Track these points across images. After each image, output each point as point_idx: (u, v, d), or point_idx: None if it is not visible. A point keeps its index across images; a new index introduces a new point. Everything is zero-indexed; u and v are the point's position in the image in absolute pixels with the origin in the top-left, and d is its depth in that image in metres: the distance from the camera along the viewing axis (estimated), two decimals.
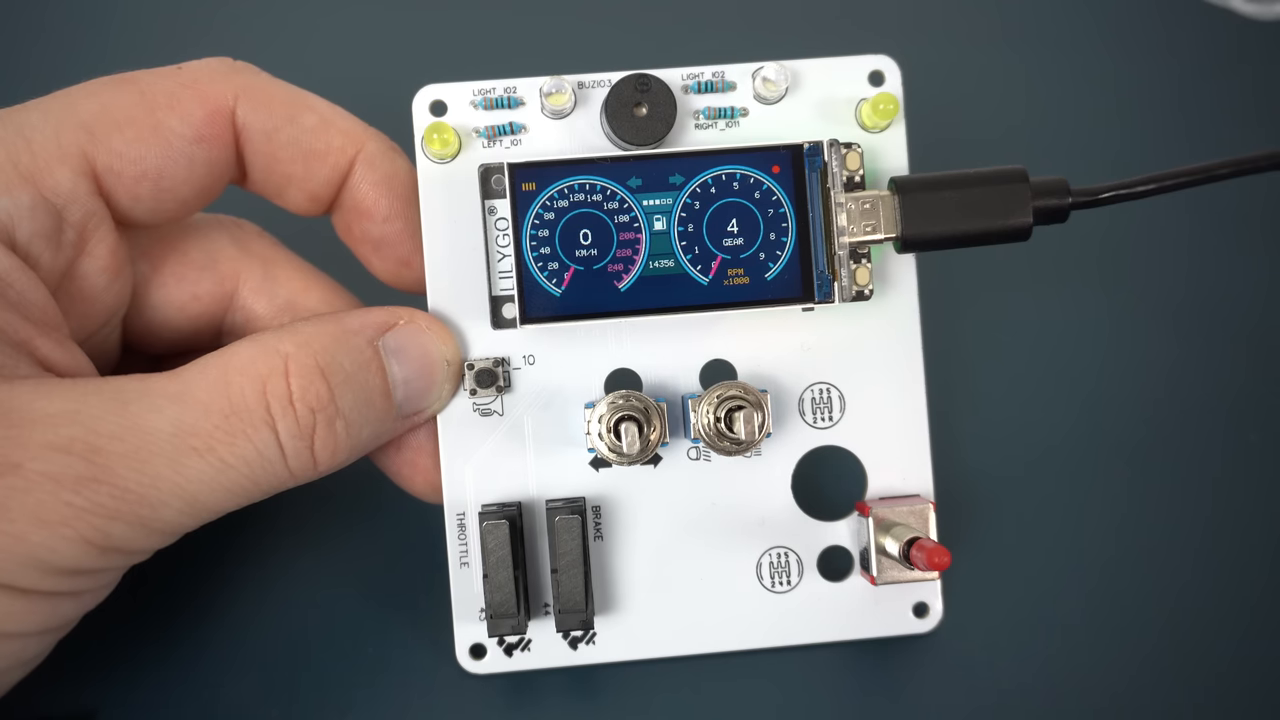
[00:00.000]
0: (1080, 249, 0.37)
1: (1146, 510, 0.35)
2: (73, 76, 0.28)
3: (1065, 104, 0.38)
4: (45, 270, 0.27)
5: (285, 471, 0.27)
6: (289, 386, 0.26)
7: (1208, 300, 0.37)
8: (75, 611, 0.26)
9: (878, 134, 0.31)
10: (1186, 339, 0.36)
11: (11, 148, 0.27)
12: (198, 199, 0.29)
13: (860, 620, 0.31)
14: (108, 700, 0.32)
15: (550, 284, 0.29)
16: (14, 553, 0.24)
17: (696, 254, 0.29)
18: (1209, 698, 0.33)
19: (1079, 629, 0.34)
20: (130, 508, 0.25)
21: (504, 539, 0.29)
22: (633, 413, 0.29)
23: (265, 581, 0.33)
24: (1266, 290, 0.37)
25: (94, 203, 0.28)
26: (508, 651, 0.30)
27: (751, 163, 0.29)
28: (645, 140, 0.30)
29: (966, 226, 0.29)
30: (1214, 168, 0.30)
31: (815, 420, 0.31)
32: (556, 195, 0.29)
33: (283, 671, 0.32)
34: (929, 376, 0.31)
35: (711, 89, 0.31)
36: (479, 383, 0.30)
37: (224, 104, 0.28)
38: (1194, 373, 0.36)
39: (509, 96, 0.30)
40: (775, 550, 0.31)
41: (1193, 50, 0.39)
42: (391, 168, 0.30)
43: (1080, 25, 0.39)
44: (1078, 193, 0.30)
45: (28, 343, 0.26)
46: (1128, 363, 0.36)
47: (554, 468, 0.30)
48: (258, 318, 0.31)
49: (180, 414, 0.25)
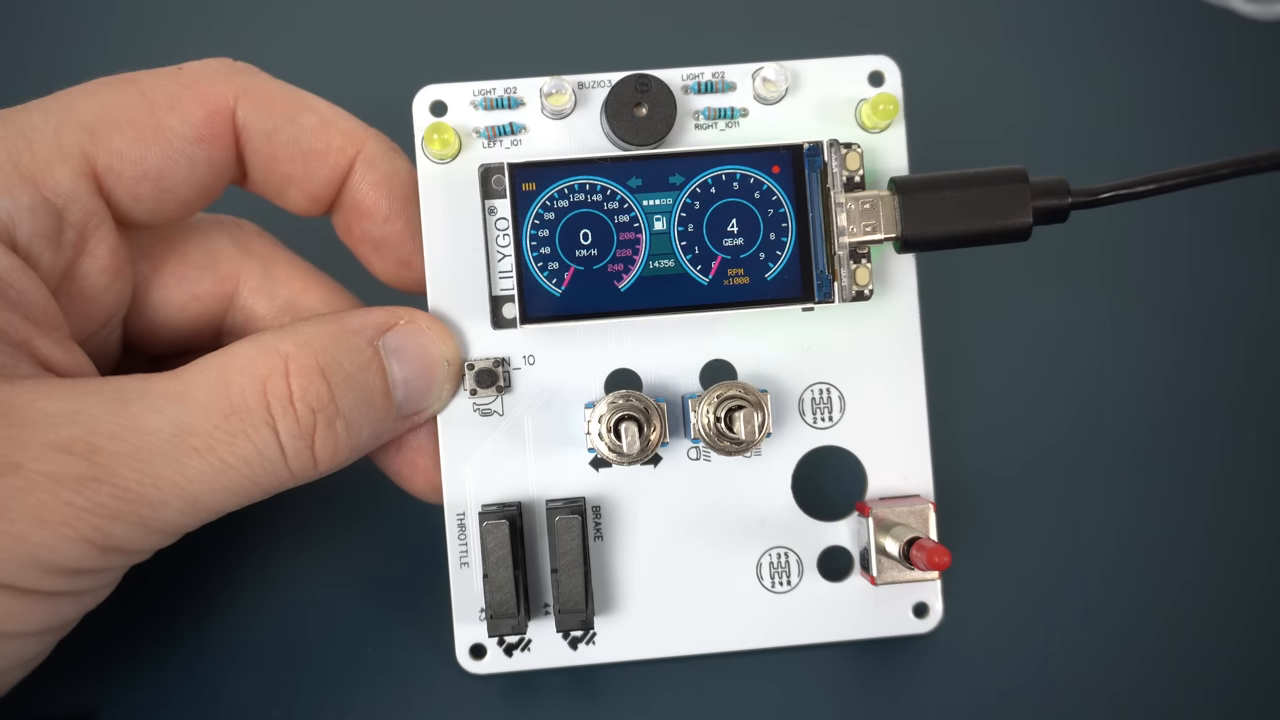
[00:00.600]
0: (1080, 249, 0.37)
1: (1146, 510, 0.35)
2: (73, 77, 0.28)
3: (1065, 104, 0.38)
4: (46, 270, 0.27)
5: (285, 471, 0.27)
6: (289, 386, 0.26)
7: (1209, 300, 0.37)
8: (76, 611, 0.26)
9: (877, 134, 0.31)
10: (1186, 339, 0.36)
11: (12, 148, 0.27)
12: (198, 199, 0.29)
13: (860, 620, 0.31)
14: (108, 700, 0.32)
15: (550, 284, 0.29)
16: (14, 552, 0.24)
17: (696, 254, 0.29)
18: (1209, 698, 0.33)
19: (1079, 629, 0.34)
20: (131, 507, 0.25)
21: (504, 539, 0.29)
22: (633, 413, 0.29)
23: (265, 581, 0.33)
24: (1267, 290, 0.37)
25: (94, 203, 0.28)
26: (508, 652, 0.31)
27: (751, 163, 0.29)
28: (645, 140, 0.30)
29: (966, 226, 0.29)
30: (1214, 168, 0.30)
31: (815, 420, 0.31)
32: (557, 195, 0.29)
33: (283, 671, 0.32)
34: (929, 376, 0.31)
35: (711, 89, 0.31)
36: (479, 383, 0.30)
37: (224, 104, 0.28)
38: (1194, 373, 0.36)
39: (509, 97, 0.30)
40: (775, 550, 0.31)
41: (1192, 50, 0.39)
42: (391, 168, 0.30)
43: (1080, 25, 0.39)
44: (1077, 193, 0.30)
45: (28, 343, 0.26)
46: (1127, 363, 0.36)
47: (554, 468, 0.30)
48: (258, 318, 0.31)
49: (181, 414, 0.25)
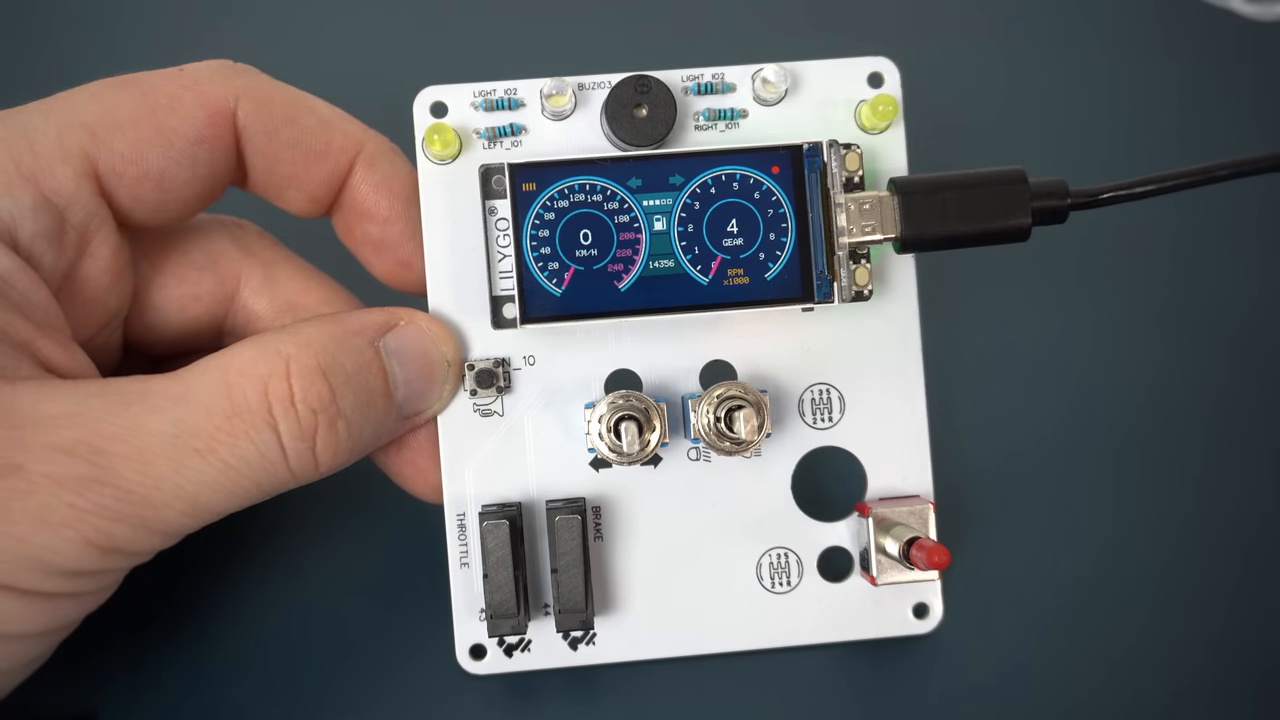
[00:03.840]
0: (1079, 250, 0.37)
1: (1147, 511, 0.35)
2: (75, 78, 0.28)
3: (1064, 105, 0.38)
4: (47, 271, 0.27)
5: (287, 472, 0.27)
6: (290, 387, 0.26)
7: (1210, 301, 0.37)
8: (77, 613, 0.26)
9: (877, 135, 0.31)
10: (1188, 340, 0.36)
11: (14, 148, 0.27)
12: (199, 200, 0.29)
13: (860, 621, 0.31)
14: (108, 700, 0.32)
15: (550, 284, 0.29)
16: (16, 554, 0.24)
17: (696, 254, 0.29)
18: (1210, 697, 0.33)
19: (1079, 629, 0.34)
20: (133, 509, 0.25)
21: (504, 539, 0.29)
22: (633, 413, 0.29)
23: (266, 582, 0.33)
24: (1266, 291, 0.37)
25: (96, 203, 0.28)
26: (508, 652, 0.31)
27: (751, 163, 0.29)
28: (645, 141, 0.30)
29: (965, 227, 0.29)
30: (1214, 169, 0.30)
31: (815, 421, 0.31)
32: (557, 195, 0.29)
33: (283, 672, 0.32)
34: (928, 377, 0.31)
35: (711, 90, 0.31)
36: (479, 383, 0.30)
37: (225, 105, 0.28)
38: (1194, 373, 0.36)
39: (509, 98, 0.30)
40: (775, 551, 0.31)
41: (1191, 50, 0.39)
42: (391, 169, 0.30)
43: (1079, 26, 0.39)
44: (1076, 194, 0.30)
45: (30, 344, 0.26)
46: (1127, 363, 0.36)
47: (554, 468, 0.30)
48: (259, 318, 0.31)
49: (182, 415, 0.25)
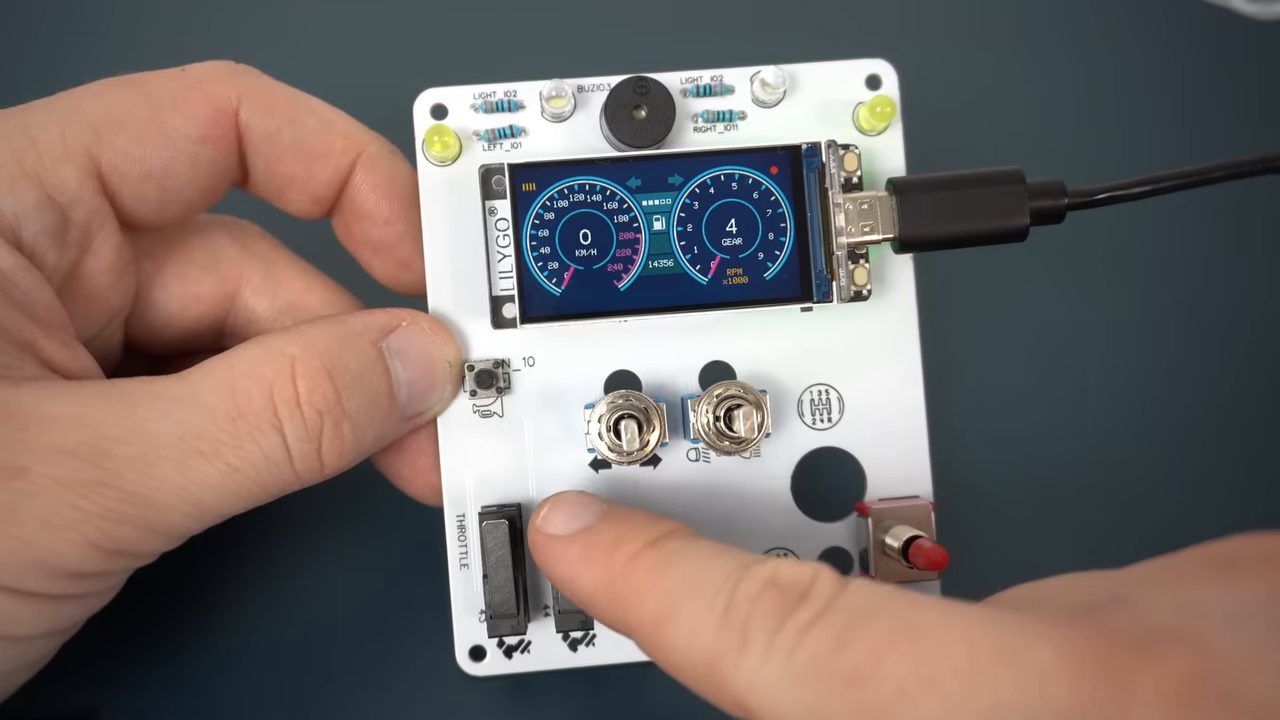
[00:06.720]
0: (1078, 250, 0.37)
1: (1146, 509, 0.35)
2: (76, 78, 0.28)
3: (1063, 105, 0.38)
4: (50, 269, 0.27)
5: (291, 474, 0.27)
6: (296, 389, 0.26)
7: (1211, 301, 0.37)
8: (80, 614, 0.26)
9: (875, 137, 0.31)
10: (1185, 339, 0.36)
11: (16, 146, 0.27)
12: (201, 200, 0.29)
13: None
14: (108, 700, 0.32)
15: (550, 283, 0.29)
16: (20, 556, 0.24)
17: (696, 254, 0.29)
18: None
19: None
20: (137, 511, 0.25)
21: (504, 539, 0.29)
22: (632, 412, 0.29)
23: (266, 582, 0.33)
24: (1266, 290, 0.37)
25: (99, 202, 0.28)
26: (507, 653, 0.31)
27: (750, 163, 0.29)
28: (644, 143, 0.30)
29: (963, 227, 0.29)
30: (1209, 170, 0.30)
31: (814, 421, 0.31)
32: (556, 195, 0.29)
33: (283, 672, 0.32)
34: (927, 377, 0.31)
35: (710, 92, 0.31)
36: (479, 384, 0.30)
37: (227, 105, 0.28)
38: (1194, 373, 0.36)
39: (509, 100, 0.30)
40: (775, 551, 0.31)
41: (1193, 50, 0.39)
42: (392, 170, 0.30)
43: (1079, 25, 0.39)
44: (1074, 194, 0.30)
45: (33, 343, 0.26)
46: (1126, 363, 0.36)
47: (554, 468, 0.30)
48: (259, 318, 0.31)
49: (187, 417, 0.25)
